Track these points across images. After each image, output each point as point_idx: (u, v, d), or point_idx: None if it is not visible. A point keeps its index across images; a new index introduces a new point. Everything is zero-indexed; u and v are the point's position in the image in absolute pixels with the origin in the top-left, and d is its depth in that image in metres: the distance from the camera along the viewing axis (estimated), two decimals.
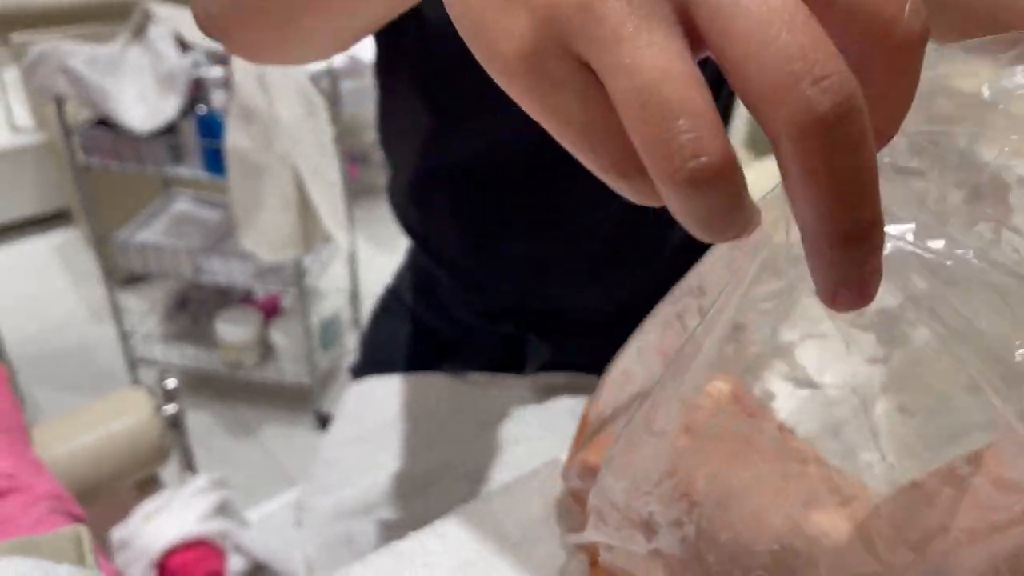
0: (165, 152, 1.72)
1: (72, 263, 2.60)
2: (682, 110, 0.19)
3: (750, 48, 0.19)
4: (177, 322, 2.15)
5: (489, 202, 0.72)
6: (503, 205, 0.72)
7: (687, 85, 0.19)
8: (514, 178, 0.70)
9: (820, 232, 0.20)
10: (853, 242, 0.20)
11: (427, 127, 0.69)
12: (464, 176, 0.71)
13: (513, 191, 0.71)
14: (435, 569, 0.37)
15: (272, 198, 1.65)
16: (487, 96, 0.40)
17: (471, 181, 0.71)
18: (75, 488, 0.89)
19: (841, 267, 0.21)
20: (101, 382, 2.12)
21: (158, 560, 0.93)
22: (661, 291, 0.38)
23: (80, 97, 1.63)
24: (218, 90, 1.63)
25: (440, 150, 0.70)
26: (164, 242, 1.91)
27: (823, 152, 0.19)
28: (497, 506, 0.40)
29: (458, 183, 0.71)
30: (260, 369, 2.04)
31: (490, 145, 0.67)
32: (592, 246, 0.74)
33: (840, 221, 0.20)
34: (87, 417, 1.01)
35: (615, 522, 0.32)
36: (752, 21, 0.19)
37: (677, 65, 0.19)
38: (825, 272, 0.21)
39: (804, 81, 0.18)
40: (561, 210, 0.71)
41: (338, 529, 0.75)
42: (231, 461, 1.91)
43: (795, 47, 0.18)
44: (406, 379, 0.85)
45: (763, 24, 0.19)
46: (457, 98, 0.66)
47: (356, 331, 2.27)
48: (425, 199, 0.76)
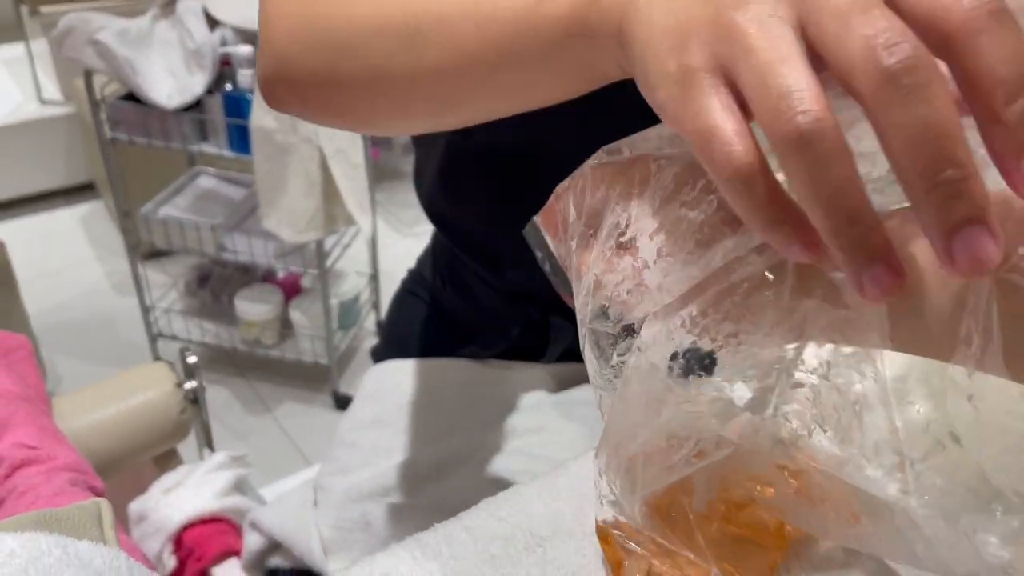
0: (191, 129, 1.73)
1: (96, 236, 2.62)
2: (787, 80, 0.25)
3: (843, 34, 0.25)
4: (198, 298, 2.16)
5: (517, 181, 0.72)
6: (532, 183, 0.72)
7: (790, 61, 0.25)
8: (542, 157, 0.70)
9: (910, 184, 0.24)
10: (937, 188, 0.23)
11: None
12: (493, 157, 0.70)
13: (541, 169, 0.70)
14: (461, 562, 0.37)
15: (296, 179, 1.65)
16: None
17: (500, 162, 0.71)
18: (94, 460, 0.90)
19: (939, 216, 0.23)
20: (122, 355, 2.14)
21: (175, 534, 0.93)
22: None
23: (108, 70, 1.64)
24: (245, 68, 1.63)
25: (468, 134, 0.70)
26: (188, 218, 1.91)
27: (894, 103, 0.23)
28: (526, 500, 0.40)
29: (487, 164, 0.71)
30: (279, 348, 2.05)
31: (517, 126, 0.67)
32: None
33: (923, 167, 0.23)
34: (108, 390, 1.02)
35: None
36: (845, 20, 0.25)
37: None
38: (929, 224, 0.24)
39: (876, 48, 0.23)
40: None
41: (355, 512, 0.75)
42: (247, 438, 1.93)
43: (868, 26, 0.24)
44: (426, 363, 0.85)
45: (844, 15, 0.25)
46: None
47: (375, 313, 2.27)
48: (454, 184, 0.76)
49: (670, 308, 0.32)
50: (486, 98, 0.40)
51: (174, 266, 2.41)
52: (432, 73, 0.39)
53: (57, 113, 2.63)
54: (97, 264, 2.50)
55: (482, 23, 0.37)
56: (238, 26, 1.66)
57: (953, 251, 0.23)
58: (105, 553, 0.38)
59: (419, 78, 0.40)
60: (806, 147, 0.24)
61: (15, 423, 0.82)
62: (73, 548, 0.37)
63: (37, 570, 0.36)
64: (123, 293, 2.35)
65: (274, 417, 2.00)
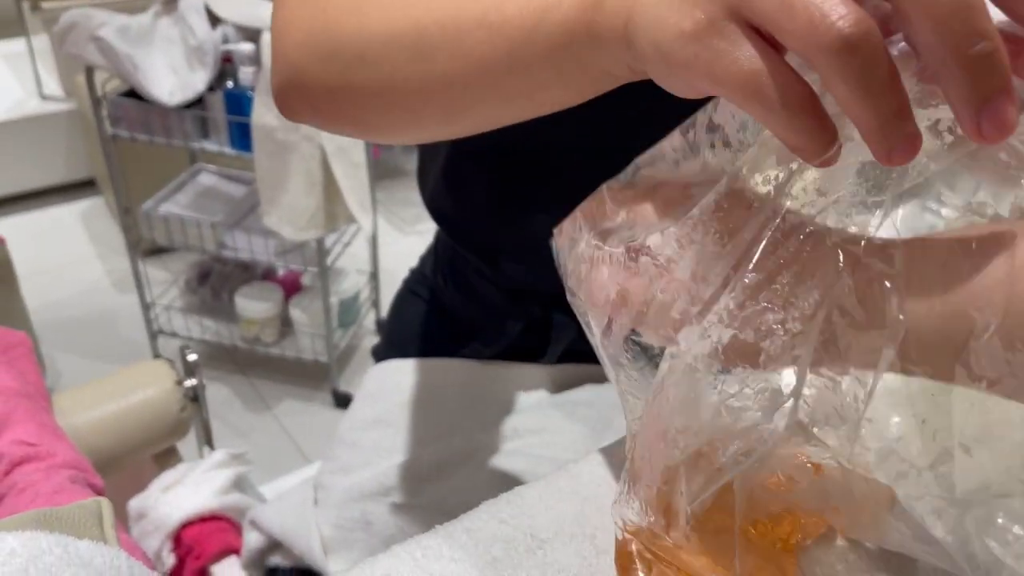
0: (193, 126, 1.73)
1: (97, 232, 2.62)
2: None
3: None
4: (198, 295, 2.16)
5: (520, 179, 0.72)
6: (533, 180, 0.72)
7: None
8: (544, 154, 0.70)
9: (944, 61, 0.25)
10: (972, 62, 0.24)
11: None
12: (495, 155, 0.70)
13: (543, 166, 0.71)
14: (462, 564, 0.37)
15: (297, 177, 1.65)
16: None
17: (502, 160, 0.71)
18: (94, 458, 0.90)
19: (974, 88, 0.25)
20: (122, 352, 2.14)
21: (174, 532, 0.93)
22: None
23: (110, 67, 1.63)
24: (247, 66, 1.63)
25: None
26: (188, 215, 1.91)
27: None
28: (527, 502, 0.40)
29: (489, 163, 0.71)
30: (279, 345, 2.05)
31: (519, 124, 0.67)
32: None
33: (955, 43, 0.24)
34: (108, 387, 1.02)
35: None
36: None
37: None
38: (961, 99, 0.25)
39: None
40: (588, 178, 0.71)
41: (355, 511, 0.75)
42: (247, 436, 1.93)
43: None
44: (427, 363, 0.85)
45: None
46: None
47: (375, 311, 2.27)
48: (457, 182, 0.75)
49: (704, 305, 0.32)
50: (496, 105, 0.40)
51: (174, 263, 2.41)
52: (442, 81, 0.40)
53: (58, 109, 2.63)
54: (97, 261, 2.50)
55: (491, 31, 0.38)
56: (240, 23, 1.66)
57: (982, 119, 0.25)
58: (105, 552, 0.38)
59: (430, 87, 0.40)
60: (854, 50, 0.25)
61: (15, 420, 0.82)
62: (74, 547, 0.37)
63: (38, 569, 0.36)
64: (123, 290, 2.35)
65: (274, 415, 2.00)
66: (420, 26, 0.40)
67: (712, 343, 0.31)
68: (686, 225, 0.33)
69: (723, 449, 0.32)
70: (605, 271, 0.35)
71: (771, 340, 0.30)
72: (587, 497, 0.40)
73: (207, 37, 1.64)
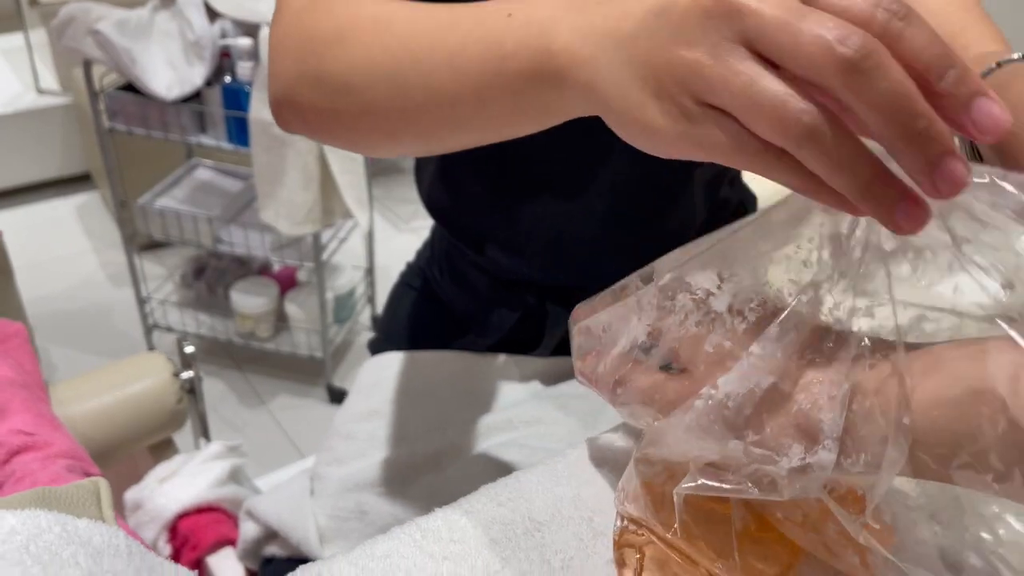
0: (190, 120, 1.73)
1: (93, 226, 2.61)
2: (774, 94, 0.30)
3: (796, 41, 0.29)
4: (194, 290, 2.16)
5: (514, 175, 0.72)
6: (527, 176, 0.72)
7: (763, 77, 0.30)
8: (535, 152, 0.70)
9: (893, 142, 0.29)
10: (915, 138, 0.28)
11: None
12: (490, 153, 0.71)
13: (534, 164, 0.71)
14: (461, 545, 0.37)
15: (294, 172, 1.65)
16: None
17: (496, 158, 0.71)
18: (91, 448, 0.90)
19: (922, 158, 0.29)
20: (117, 346, 2.14)
21: (170, 523, 0.93)
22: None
23: (107, 61, 1.63)
24: (245, 61, 1.63)
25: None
26: (184, 209, 1.91)
27: (862, 85, 0.28)
28: (525, 486, 0.41)
29: (485, 160, 0.71)
30: (274, 340, 2.05)
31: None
32: (610, 210, 0.74)
33: (900, 127, 0.28)
34: (105, 379, 1.02)
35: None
36: (791, 28, 0.29)
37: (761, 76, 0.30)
38: (916, 168, 0.29)
39: (832, 44, 0.28)
40: (580, 168, 0.71)
41: (350, 501, 0.75)
42: (242, 430, 1.93)
43: (817, 27, 0.28)
44: (422, 355, 0.85)
45: (789, 24, 0.29)
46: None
47: (370, 307, 2.27)
48: (454, 179, 0.76)
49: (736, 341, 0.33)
50: (469, 132, 0.44)
51: (170, 258, 2.41)
52: (417, 112, 0.44)
53: (54, 103, 2.62)
54: (93, 255, 2.49)
55: (458, 73, 0.41)
56: (238, 18, 1.66)
57: (936, 181, 0.29)
58: (104, 531, 0.38)
59: (407, 116, 0.44)
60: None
61: (12, 410, 0.82)
62: (73, 526, 0.37)
63: (38, 547, 0.36)
64: (118, 284, 2.34)
65: (268, 410, 2.00)
66: (397, 60, 0.43)
67: (753, 383, 0.32)
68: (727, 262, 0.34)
69: (736, 470, 0.33)
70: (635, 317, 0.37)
71: (806, 396, 0.32)
72: (584, 481, 0.41)
73: (205, 32, 1.64)
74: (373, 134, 0.48)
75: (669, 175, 0.72)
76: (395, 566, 0.37)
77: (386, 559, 0.37)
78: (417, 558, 0.37)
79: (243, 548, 0.82)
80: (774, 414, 0.32)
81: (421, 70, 0.42)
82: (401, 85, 0.43)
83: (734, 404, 0.32)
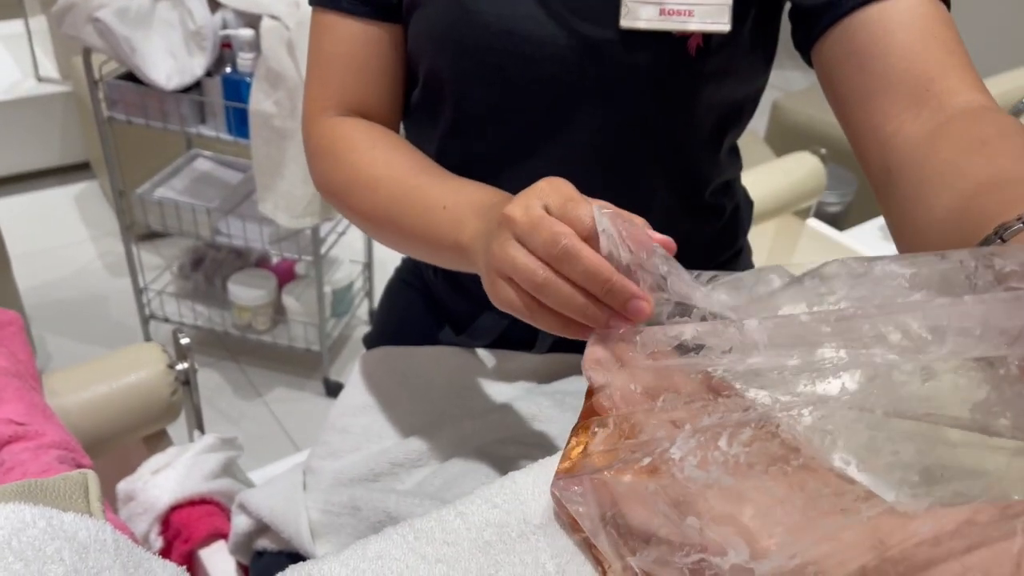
0: (190, 110, 1.72)
1: (91, 215, 2.61)
2: (524, 264, 0.50)
3: (534, 242, 0.50)
4: (191, 281, 2.15)
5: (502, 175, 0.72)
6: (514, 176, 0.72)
7: (519, 257, 0.50)
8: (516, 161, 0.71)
9: (598, 298, 0.48)
10: (607, 295, 0.47)
11: (442, 132, 0.74)
12: (479, 156, 0.72)
13: (519, 168, 0.72)
14: (454, 547, 0.37)
15: (293, 165, 1.64)
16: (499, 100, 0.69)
17: (485, 161, 0.72)
18: (84, 439, 0.89)
19: (616, 304, 0.47)
20: (113, 336, 2.13)
21: (162, 515, 0.92)
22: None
23: (108, 49, 1.62)
24: (246, 52, 1.62)
25: (456, 135, 0.74)
26: (183, 200, 1.90)
27: (566, 268, 0.48)
28: (520, 487, 0.40)
29: (474, 162, 0.72)
30: (271, 333, 2.04)
31: (497, 137, 0.73)
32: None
33: (596, 291, 0.47)
34: (100, 369, 1.01)
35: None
36: (532, 233, 0.49)
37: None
38: (616, 308, 0.47)
39: (548, 245, 0.49)
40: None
41: (343, 496, 0.74)
42: (237, 422, 1.92)
43: (541, 233, 0.49)
44: (417, 351, 0.85)
45: (533, 229, 0.50)
46: (472, 99, 0.71)
47: (368, 301, 2.26)
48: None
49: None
50: (424, 259, 0.70)
51: (168, 248, 2.40)
52: (396, 238, 0.68)
53: (54, 91, 2.61)
54: (90, 244, 2.49)
55: (412, 239, 0.66)
56: (240, 9, 1.65)
57: (628, 315, 0.47)
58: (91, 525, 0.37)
59: (388, 237, 0.70)
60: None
61: (4, 398, 0.81)
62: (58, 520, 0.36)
63: (21, 542, 0.35)
64: (116, 274, 2.34)
65: (264, 402, 2.00)
66: (381, 216, 0.68)
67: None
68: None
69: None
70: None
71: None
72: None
73: (206, 22, 1.63)
74: (368, 230, 0.74)
75: (632, 182, 0.72)
76: (387, 568, 0.36)
77: (378, 560, 0.36)
78: (409, 560, 0.36)
79: (234, 541, 0.82)
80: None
81: (394, 228, 0.67)
82: (383, 229, 0.69)
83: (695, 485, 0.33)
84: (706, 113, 0.69)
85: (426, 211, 0.63)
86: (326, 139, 0.72)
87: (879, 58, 0.57)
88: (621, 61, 0.64)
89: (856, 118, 0.59)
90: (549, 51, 0.65)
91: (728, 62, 0.66)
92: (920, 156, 0.53)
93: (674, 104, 0.67)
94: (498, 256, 0.50)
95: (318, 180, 0.74)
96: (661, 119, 0.68)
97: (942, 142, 0.53)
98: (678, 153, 0.71)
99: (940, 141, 0.53)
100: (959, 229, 0.47)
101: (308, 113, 0.74)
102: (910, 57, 0.56)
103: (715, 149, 0.74)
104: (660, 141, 0.70)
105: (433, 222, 0.62)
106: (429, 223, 0.63)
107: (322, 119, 0.73)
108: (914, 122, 0.55)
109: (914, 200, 0.52)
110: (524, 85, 0.67)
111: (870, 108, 0.58)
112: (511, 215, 0.50)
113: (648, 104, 0.67)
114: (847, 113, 0.60)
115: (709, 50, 0.64)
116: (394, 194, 0.66)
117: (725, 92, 0.69)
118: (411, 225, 0.64)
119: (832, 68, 0.60)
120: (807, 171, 1.45)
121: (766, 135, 2.49)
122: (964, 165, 0.50)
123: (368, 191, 0.68)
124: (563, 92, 0.67)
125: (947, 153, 0.52)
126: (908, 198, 0.53)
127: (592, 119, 0.68)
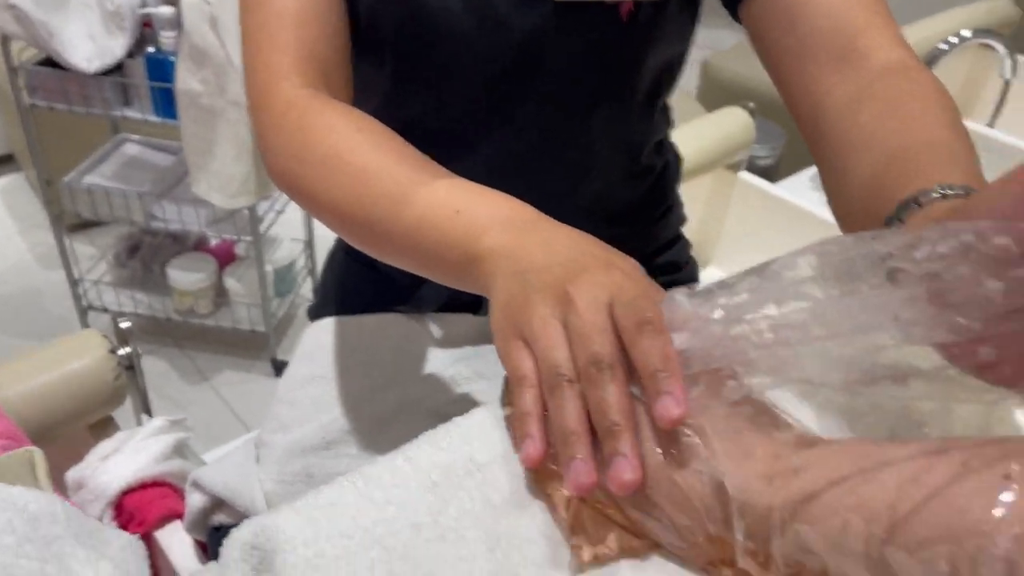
0: (113, 93, 1.68)
1: (18, 208, 2.53)
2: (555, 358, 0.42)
3: (578, 342, 0.41)
4: (128, 268, 2.11)
5: (443, 147, 0.73)
6: (453, 153, 0.73)
7: (556, 348, 0.42)
8: (461, 130, 0.72)
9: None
10: (603, 431, 0.39)
11: (384, 88, 0.72)
12: (417, 130, 0.72)
13: (461, 142, 0.73)
14: (403, 489, 0.38)
15: (225, 144, 1.62)
16: (436, 63, 0.66)
17: (424, 135, 0.72)
18: (29, 429, 0.88)
19: (606, 445, 0.38)
20: (51, 329, 2.09)
21: (114, 500, 0.92)
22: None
23: (25, 35, 1.57)
24: (167, 31, 1.59)
25: (394, 108, 0.73)
26: (114, 186, 1.86)
27: (591, 385, 0.40)
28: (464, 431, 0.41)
29: (414, 135, 0.72)
30: (214, 316, 2.02)
31: (439, 103, 0.72)
32: (526, 188, 0.75)
33: (597, 425, 0.39)
34: (40, 358, 0.99)
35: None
36: (582, 332, 0.41)
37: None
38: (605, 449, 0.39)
39: (587, 354, 0.41)
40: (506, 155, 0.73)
41: (296, 466, 0.75)
42: (185, 408, 1.90)
43: (589, 343, 0.41)
44: (364, 319, 0.85)
45: (586, 328, 0.41)
46: (410, 63, 0.70)
47: (311, 279, 2.25)
48: None
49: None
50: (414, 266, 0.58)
51: (102, 237, 2.35)
52: (372, 242, 0.59)
53: None
54: (19, 238, 2.42)
55: (409, 245, 0.55)
56: None
57: (611, 476, 0.38)
58: (40, 498, 0.38)
59: (359, 243, 0.60)
60: (556, 389, 0.40)
61: None
62: (6, 492, 0.36)
63: None
64: (49, 267, 2.28)
65: (212, 386, 1.98)
66: (377, 195, 0.56)
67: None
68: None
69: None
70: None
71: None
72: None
73: (125, 1, 1.59)
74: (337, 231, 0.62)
75: (574, 152, 0.73)
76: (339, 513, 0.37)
77: (331, 507, 0.38)
78: (361, 504, 0.37)
79: (190, 519, 0.82)
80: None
81: (377, 228, 0.56)
82: (359, 226, 0.58)
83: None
84: (641, 77, 0.71)
85: (431, 213, 0.53)
86: (295, 112, 0.61)
87: (807, 18, 0.59)
88: (557, 34, 0.65)
89: (788, 80, 0.61)
90: (489, 28, 0.65)
91: (659, 25, 0.67)
92: (845, 122, 0.55)
93: (612, 72, 0.69)
94: (537, 326, 0.42)
95: (273, 160, 0.63)
96: (600, 88, 0.69)
97: (861, 106, 0.55)
98: (616, 120, 0.73)
99: (860, 105, 0.55)
100: (877, 198, 0.48)
101: (264, 83, 0.64)
102: (834, 15, 0.58)
103: (650, 111, 0.76)
104: (601, 109, 0.71)
105: (439, 227, 0.52)
106: (433, 227, 0.53)
107: (284, 87, 0.63)
108: (841, 85, 0.57)
109: (840, 168, 0.54)
110: (465, 64, 0.68)
111: (800, 70, 0.59)
112: (573, 297, 0.42)
113: (587, 74, 0.68)
114: (779, 75, 0.62)
115: (640, 15, 0.65)
116: (387, 189, 0.56)
117: (659, 54, 0.70)
118: (405, 227, 0.54)
119: (761, 29, 0.62)
120: (736, 125, 1.47)
121: (698, 94, 2.52)
122: (879, 132, 0.52)
123: (348, 180, 0.58)
124: (504, 68, 0.67)
125: (865, 118, 0.54)
126: (835, 166, 0.55)
127: (532, 93, 0.69)
